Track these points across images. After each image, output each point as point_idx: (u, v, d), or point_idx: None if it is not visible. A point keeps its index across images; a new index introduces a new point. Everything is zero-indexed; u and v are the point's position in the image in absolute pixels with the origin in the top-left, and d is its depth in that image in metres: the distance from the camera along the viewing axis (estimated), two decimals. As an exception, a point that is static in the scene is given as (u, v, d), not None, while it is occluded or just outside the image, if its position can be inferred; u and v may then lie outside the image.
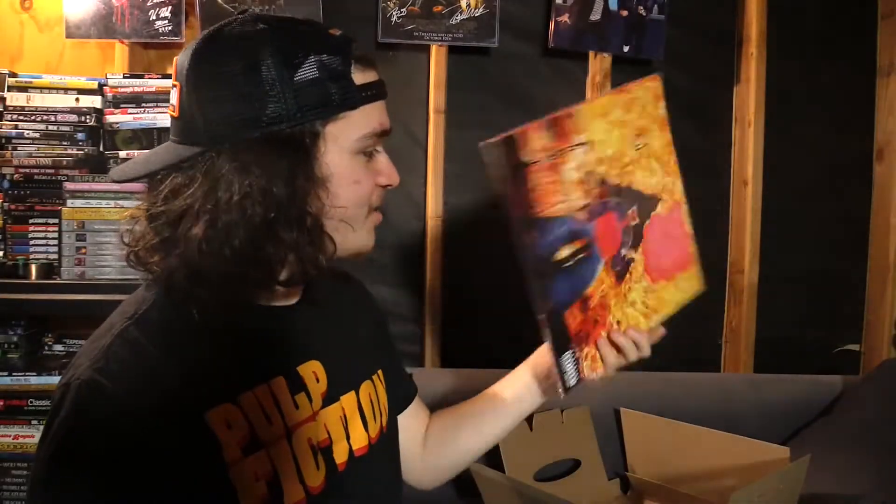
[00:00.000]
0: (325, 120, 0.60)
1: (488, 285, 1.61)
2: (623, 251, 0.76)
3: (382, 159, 0.67)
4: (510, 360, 0.96)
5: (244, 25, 0.59)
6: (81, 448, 0.52)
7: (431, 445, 0.90)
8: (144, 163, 0.63)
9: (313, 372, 0.67)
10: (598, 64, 1.58)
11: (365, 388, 0.74)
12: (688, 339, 1.69)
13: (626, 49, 1.57)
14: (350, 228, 0.64)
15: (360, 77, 0.62)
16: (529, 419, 1.24)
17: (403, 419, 0.86)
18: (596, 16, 1.55)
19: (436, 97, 1.54)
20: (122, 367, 0.55)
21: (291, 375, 0.65)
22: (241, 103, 0.58)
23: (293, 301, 0.69)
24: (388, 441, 0.77)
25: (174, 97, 0.61)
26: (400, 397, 0.87)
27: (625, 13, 1.56)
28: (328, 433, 0.67)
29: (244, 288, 0.61)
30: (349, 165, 0.62)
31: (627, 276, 0.76)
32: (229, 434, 0.57)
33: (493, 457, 1.22)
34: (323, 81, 0.59)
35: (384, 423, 0.76)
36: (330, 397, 0.68)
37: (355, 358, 0.75)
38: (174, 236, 0.58)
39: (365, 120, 0.62)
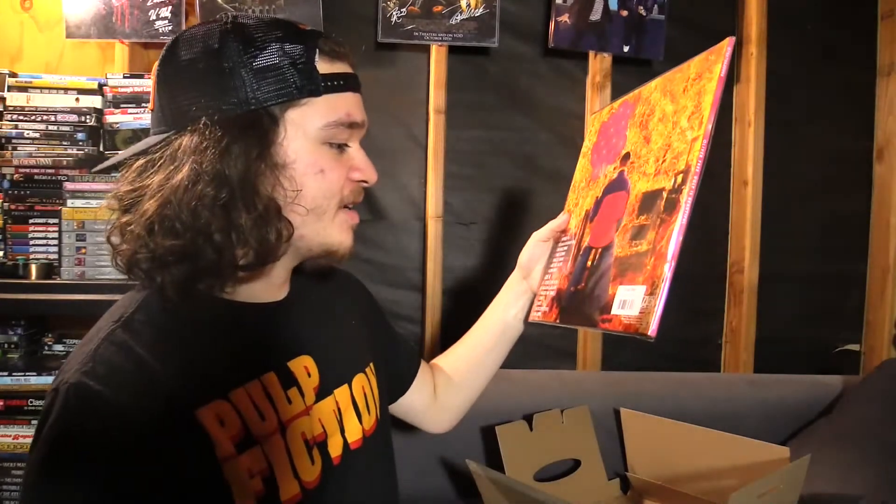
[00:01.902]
0: (285, 105, 0.60)
1: (488, 285, 1.61)
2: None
3: (357, 154, 0.67)
4: (510, 360, 0.96)
5: (210, 22, 0.61)
6: (71, 451, 0.52)
7: (441, 394, 0.95)
8: (121, 155, 0.65)
9: (304, 367, 0.67)
10: (598, 64, 1.58)
11: (358, 380, 0.75)
12: (688, 339, 1.69)
13: (626, 49, 1.57)
14: (316, 219, 0.64)
15: (326, 67, 0.62)
16: (529, 419, 1.24)
17: (412, 386, 0.92)
18: (596, 16, 1.55)
19: (436, 97, 1.54)
20: (109, 370, 0.54)
21: (282, 371, 0.64)
22: (203, 88, 0.59)
23: (280, 297, 0.69)
24: (381, 432, 0.77)
25: (151, 93, 0.64)
26: (404, 376, 0.91)
27: (625, 13, 1.56)
28: (323, 427, 0.67)
29: (201, 272, 0.59)
30: (313, 153, 0.62)
31: None
32: (221, 431, 0.56)
33: (493, 457, 1.23)
34: (283, 67, 0.60)
35: (378, 415, 0.77)
36: (323, 391, 0.68)
37: (347, 351, 0.76)
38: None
39: (329, 109, 0.62)
